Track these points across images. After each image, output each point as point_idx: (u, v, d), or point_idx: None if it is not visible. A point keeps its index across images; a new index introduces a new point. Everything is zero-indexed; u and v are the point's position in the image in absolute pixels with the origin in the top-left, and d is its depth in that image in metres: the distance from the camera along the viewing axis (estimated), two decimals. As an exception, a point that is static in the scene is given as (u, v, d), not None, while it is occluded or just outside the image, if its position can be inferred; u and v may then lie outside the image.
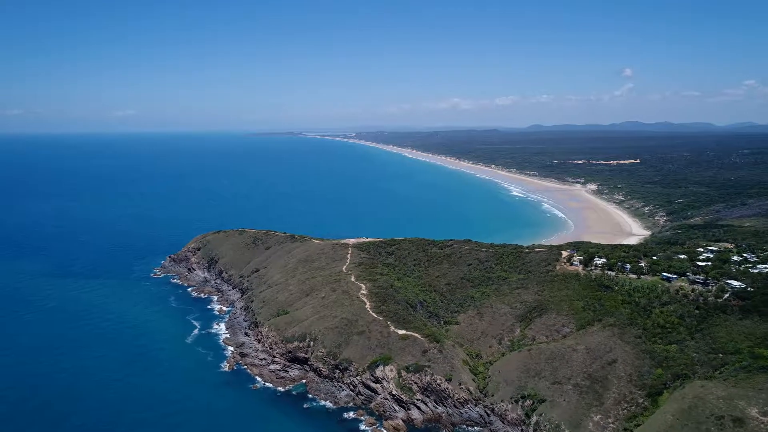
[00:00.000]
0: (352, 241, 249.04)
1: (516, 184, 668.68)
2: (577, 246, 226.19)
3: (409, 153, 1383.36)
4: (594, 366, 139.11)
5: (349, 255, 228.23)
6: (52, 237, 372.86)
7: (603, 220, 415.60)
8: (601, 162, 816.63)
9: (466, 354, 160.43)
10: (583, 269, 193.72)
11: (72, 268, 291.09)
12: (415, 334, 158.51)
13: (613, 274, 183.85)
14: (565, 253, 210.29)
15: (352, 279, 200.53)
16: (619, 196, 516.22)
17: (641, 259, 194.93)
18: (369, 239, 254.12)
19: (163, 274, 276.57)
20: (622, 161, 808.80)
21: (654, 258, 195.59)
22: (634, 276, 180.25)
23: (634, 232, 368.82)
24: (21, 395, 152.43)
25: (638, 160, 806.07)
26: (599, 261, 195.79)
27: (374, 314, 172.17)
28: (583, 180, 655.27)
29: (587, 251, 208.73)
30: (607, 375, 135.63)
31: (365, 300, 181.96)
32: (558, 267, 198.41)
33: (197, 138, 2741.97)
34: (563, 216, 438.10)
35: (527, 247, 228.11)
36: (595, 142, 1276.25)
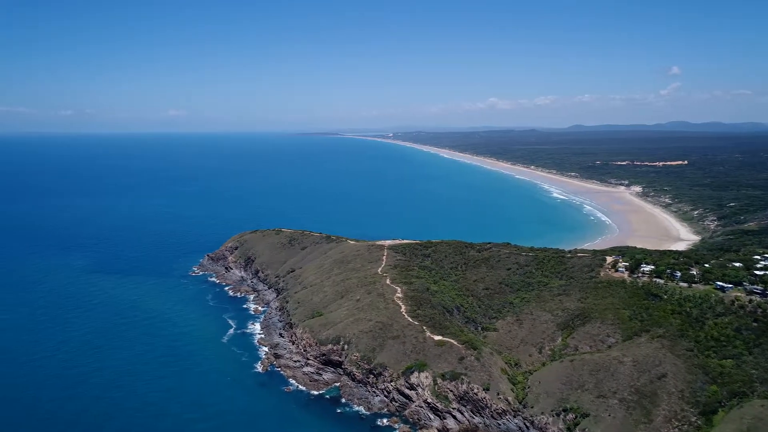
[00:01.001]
0: (387, 242, 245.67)
1: (556, 186, 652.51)
2: (622, 251, 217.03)
3: (446, 153, 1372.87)
4: (642, 380, 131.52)
5: (384, 257, 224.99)
6: (97, 234, 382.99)
7: (649, 223, 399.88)
8: (646, 163, 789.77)
9: (504, 362, 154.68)
10: (629, 276, 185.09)
11: (115, 265, 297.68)
12: (452, 341, 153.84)
13: (661, 282, 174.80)
14: (609, 259, 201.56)
15: (388, 282, 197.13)
16: (666, 199, 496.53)
17: (692, 267, 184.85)
18: (405, 241, 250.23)
19: (201, 273, 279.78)
20: (668, 163, 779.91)
21: (706, 266, 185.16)
22: (684, 284, 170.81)
23: (682, 237, 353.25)
24: (61, 395, 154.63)
25: (686, 162, 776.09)
26: (646, 268, 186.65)
27: (409, 318, 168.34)
28: (627, 182, 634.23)
29: (633, 257, 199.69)
30: (656, 390, 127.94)
31: (400, 303, 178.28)
32: (602, 273, 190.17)
33: (235, 139, 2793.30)
34: (606, 219, 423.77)
35: (569, 252, 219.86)
36: (640, 143, 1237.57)
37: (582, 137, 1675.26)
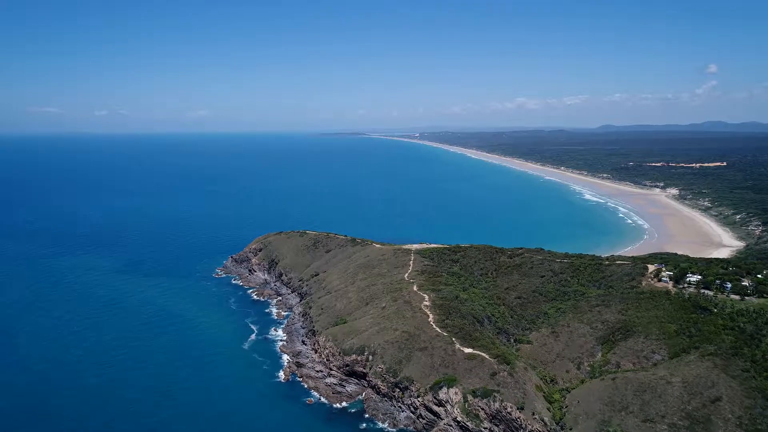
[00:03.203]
0: (414, 246, 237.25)
1: (588, 188, 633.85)
2: (665, 259, 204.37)
3: (473, 154, 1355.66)
4: (693, 403, 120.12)
5: (411, 262, 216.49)
6: (127, 234, 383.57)
7: (688, 228, 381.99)
8: (682, 165, 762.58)
9: (539, 378, 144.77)
10: (674, 286, 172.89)
11: (142, 266, 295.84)
12: (483, 354, 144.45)
13: (710, 293, 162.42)
14: (651, 267, 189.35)
15: (414, 288, 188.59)
16: (705, 202, 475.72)
17: (743, 277, 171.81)
18: (432, 245, 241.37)
19: (224, 275, 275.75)
20: (705, 164, 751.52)
21: (759, 276, 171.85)
22: (736, 297, 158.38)
23: (725, 242, 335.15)
24: (77, 406, 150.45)
25: (724, 163, 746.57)
26: (693, 278, 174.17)
27: (438, 329, 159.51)
28: (662, 184, 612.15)
29: (678, 265, 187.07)
30: (710, 415, 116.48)
31: (428, 312, 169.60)
32: (644, 283, 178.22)
33: (260, 139, 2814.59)
34: (643, 223, 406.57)
35: (607, 258, 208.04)
36: (674, 144, 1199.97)
37: (613, 137, 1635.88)
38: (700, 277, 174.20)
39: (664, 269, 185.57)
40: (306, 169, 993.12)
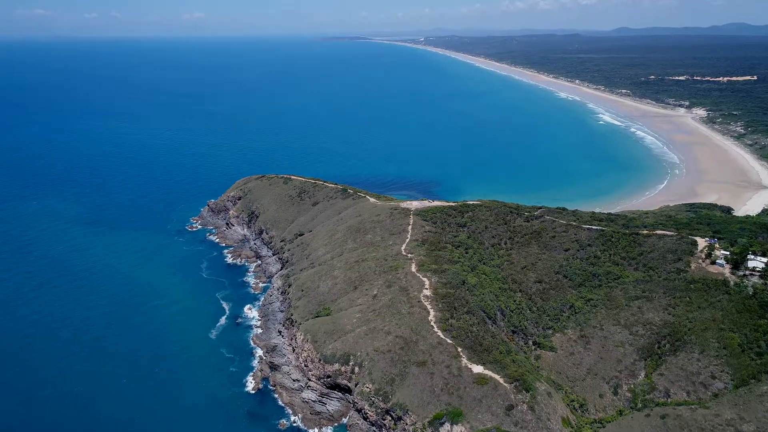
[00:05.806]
0: (414, 204, 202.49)
1: (606, 107, 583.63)
2: (715, 228, 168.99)
3: (482, 62, 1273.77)
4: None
5: (410, 227, 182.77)
6: (100, 169, 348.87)
7: (720, 162, 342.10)
8: (708, 79, 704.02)
9: (566, 405, 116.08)
10: (732, 272, 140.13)
11: (109, 213, 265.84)
12: (496, 377, 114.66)
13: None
14: (702, 242, 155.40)
15: (413, 268, 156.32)
16: (737, 128, 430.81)
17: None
18: (435, 202, 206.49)
19: (199, 227, 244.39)
20: (733, 78, 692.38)
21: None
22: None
23: (765, 182, 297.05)
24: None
25: (755, 77, 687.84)
26: (757, 261, 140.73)
27: (440, 333, 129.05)
28: (687, 103, 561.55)
29: (735, 242, 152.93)
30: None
31: (428, 306, 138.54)
32: (693, 265, 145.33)
33: (257, 44, 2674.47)
34: (670, 155, 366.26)
35: (644, 227, 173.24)
36: (696, 51, 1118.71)
37: (630, 43, 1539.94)
38: (766, 260, 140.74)
39: (717, 246, 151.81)
40: (301, 84, 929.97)
